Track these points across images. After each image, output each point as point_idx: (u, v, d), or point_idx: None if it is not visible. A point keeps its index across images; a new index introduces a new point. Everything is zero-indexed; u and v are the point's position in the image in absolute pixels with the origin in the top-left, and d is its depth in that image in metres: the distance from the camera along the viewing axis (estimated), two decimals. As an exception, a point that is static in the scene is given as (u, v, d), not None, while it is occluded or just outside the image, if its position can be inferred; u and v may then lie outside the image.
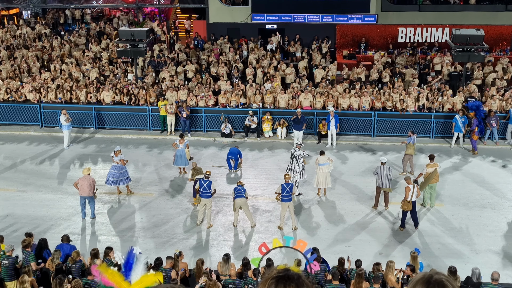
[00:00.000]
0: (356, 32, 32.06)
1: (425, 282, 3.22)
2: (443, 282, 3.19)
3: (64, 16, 38.04)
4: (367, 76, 28.95)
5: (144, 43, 26.87)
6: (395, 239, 17.29)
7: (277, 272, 3.36)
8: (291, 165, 19.63)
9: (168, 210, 19.19)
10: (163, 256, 13.92)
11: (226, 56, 30.85)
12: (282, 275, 3.33)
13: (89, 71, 29.27)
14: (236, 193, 17.60)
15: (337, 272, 13.03)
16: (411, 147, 21.12)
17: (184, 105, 25.21)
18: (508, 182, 20.74)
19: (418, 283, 3.24)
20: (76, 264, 13.57)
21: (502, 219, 18.39)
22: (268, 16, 32.38)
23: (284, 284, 3.30)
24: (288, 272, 3.34)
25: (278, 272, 3.37)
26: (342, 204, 19.35)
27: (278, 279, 3.32)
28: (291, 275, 3.32)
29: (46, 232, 17.49)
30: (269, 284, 3.32)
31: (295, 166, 19.48)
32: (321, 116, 24.92)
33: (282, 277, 3.32)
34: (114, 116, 26.58)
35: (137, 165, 22.81)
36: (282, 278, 3.32)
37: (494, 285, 12.67)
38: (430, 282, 3.20)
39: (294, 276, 3.32)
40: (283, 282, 3.30)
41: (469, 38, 25.52)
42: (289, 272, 3.34)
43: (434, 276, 3.23)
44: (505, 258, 16.26)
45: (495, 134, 24.38)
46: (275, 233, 17.64)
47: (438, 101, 25.30)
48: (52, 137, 25.75)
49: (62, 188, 20.77)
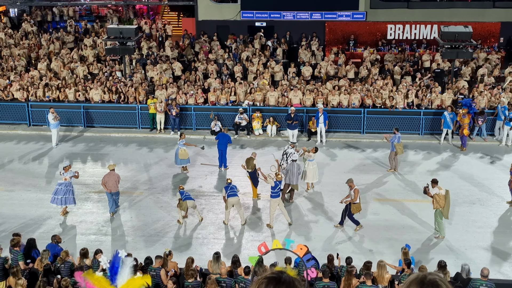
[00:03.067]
0: (345, 29, 32.10)
1: (419, 282, 3.21)
2: (437, 282, 3.18)
3: (52, 14, 37.81)
4: (356, 73, 29.01)
5: (133, 41, 26.75)
6: (384, 236, 17.33)
7: (271, 272, 3.33)
8: (281, 161, 19.70)
9: (158, 209, 19.13)
10: (153, 255, 13.88)
11: (215, 53, 30.79)
12: (274, 276, 3.30)
13: (77, 69, 29.11)
14: (229, 192, 17.58)
15: (327, 270, 13.05)
16: (399, 146, 21.10)
17: (174, 103, 25.13)
18: (496, 178, 20.85)
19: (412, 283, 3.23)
20: (65, 264, 13.49)
21: (491, 215, 18.49)
22: (258, 14, 32.32)
23: (275, 285, 3.27)
24: (281, 274, 3.31)
25: (272, 272, 3.34)
26: (332, 202, 19.36)
27: (270, 280, 3.29)
28: (283, 278, 3.29)
29: (34, 231, 17.39)
30: (260, 283, 3.30)
31: (284, 163, 19.54)
32: (311, 114, 24.92)
33: (273, 278, 3.30)
34: (103, 115, 26.44)
35: (127, 163, 22.71)
36: (274, 279, 3.29)
37: (484, 281, 12.72)
38: (424, 283, 3.20)
39: (286, 279, 3.29)
40: (273, 283, 3.28)
41: (457, 35, 25.61)
42: (283, 274, 3.31)
43: (428, 277, 3.22)
44: (494, 254, 16.35)
45: (484, 130, 24.51)
46: (265, 231, 17.64)
47: (427, 98, 25.38)
48: (40, 136, 25.59)
49: (50, 187, 20.61)
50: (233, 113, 25.48)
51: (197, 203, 18.53)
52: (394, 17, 31.85)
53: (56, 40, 32.73)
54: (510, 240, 17.08)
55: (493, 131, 24.86)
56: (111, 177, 18.05)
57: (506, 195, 19.23)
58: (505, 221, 18.14)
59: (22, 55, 30.94)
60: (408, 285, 3.23)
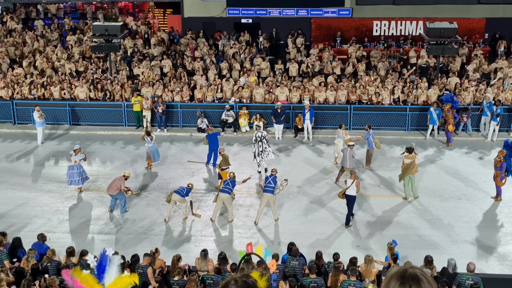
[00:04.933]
0: (331, 25, 32.12)
1: (399, 276, 3.20)
2: (418, 276, 3.18)
3: (36, 11, 37.49)
4: (342, 69, 29.06)
5: (119, 38, 26.60)
6: (372, 231, 17.40)
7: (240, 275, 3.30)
8: (254, 149, 20.36)
9: (145, 206, 19.07)
10: (140, 253, 13.84)
11: (201, 50, 30.70)
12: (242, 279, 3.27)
13: (64, 66, 28.91)
14: (223, 187, 17.62)
15: (314, 266, 13.08)
16: (377, 141, 21.26)
17: (160, 100, 25.03)
18: (482, 173, 20.99)
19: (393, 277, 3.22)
20: (51, 262, 13.41)
21: (477, 210, 18.62)
22: (243, 10, 32.27)
23: None
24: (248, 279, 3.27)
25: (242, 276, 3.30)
26: (320, 198, 19.41)
27: None
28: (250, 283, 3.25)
29: (20, 231, 17.24)
30: None
31: (256, 148, 20.25)
32: (297, 110, 24.95)
33: None
34: (88, 112, 26.29)
35: (113, 161, 22.61)
36: None
37: (470, 275, 12.81)
38: (404, 277, 3.19)
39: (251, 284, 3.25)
40: None
41: (443, 31, 25.73)
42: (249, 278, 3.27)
43: (409, 270, 3.22)
44: (480, 249, 16.47)
45: (469, 126, 24.68)
46: (252, 228, 17.62)
47: (413, 94, 25.49)
48: (25, 134, 25.39)
49: (36, 186, 20.49)
50: (220, 110, 25.44)
51: (185, 200, 18.42)
52: (380, 13, 31.92)
53: (40, 37, 32.48)
54: (496, 235, 17.22)
55: (478, 127, 25.03)
56: (116, 181, 18.13)
57: (492, 190, 19.38)
58: (491, 216, 18.28)
59: (4, 52, 30.64)
60: (389, 279, 3.22)
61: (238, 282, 3.29)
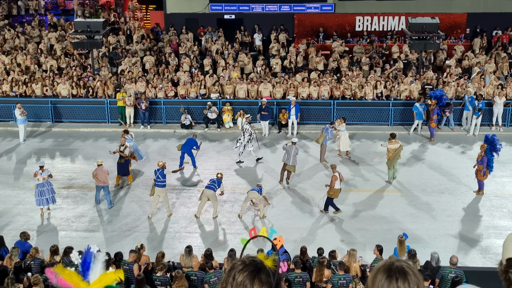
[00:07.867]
0: (314, 21, 32.16)
1: (386, 269, 3.21)
2: (404, 269, 3.19)
3: (17, 8, 37.07)
4: (325, 65, 29.13)
5: (101, 35, 26.42)
6: (356, 226, 17.49)
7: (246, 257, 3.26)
8: (242, 138, 21.06)
9: (129, 203, 18.99)
10: (125, 249, 13.78)
11: (184, 46, 30.59)
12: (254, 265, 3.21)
13: (48, 62, 28.66)
14: (208, 184, 17.60)
15: (299, 261, 13.12)
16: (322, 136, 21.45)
17: (143, 96, 24.92)
18: (464, 167, 21.17)
19: (380, 271, 3.23)
20: (35, 261, 13.32)
21: (459, 203, 18.79)
22: (226, 6, 32.19)
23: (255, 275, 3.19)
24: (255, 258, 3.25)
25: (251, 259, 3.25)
26: (304, 193, 19.46)
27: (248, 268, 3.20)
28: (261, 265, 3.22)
29: (3, 229, 17.10)
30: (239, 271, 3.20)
31: (241, 138, 21.03)
32: (281, 106, 24.98)
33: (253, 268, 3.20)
34: (71, 109, 26.10)
35: (97, 158, 22.44)
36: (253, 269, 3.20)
37: (453, 268, 12.93)
38: (391, 270, 3.19)
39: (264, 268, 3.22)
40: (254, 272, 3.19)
41: (425, 26, 25.90)
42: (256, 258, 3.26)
43: (395, 264, 3.22)
44: (463, 242, 16.63)
45: (451, 120, 24.88)
46: (236, 224, 17.63)
47: (396, 89, 25.63)
48: (7, 131, 25.14)
49: (19, 184, 20.31)
50: (203, 106, 25.37)
51: (168, 197, 18.35)
52: (363, 8, 32.03)
53: (21, 34, 32.14)
54: (478, 228, 17.40)
55: (460, 121, 25.24)
56: (102, 171, 18.15)
57: (473, 184, 19.56)
58: (473, 210, 18.46)
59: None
60: (376, 272, 3.23)
61: (246, 262, 3.27)
